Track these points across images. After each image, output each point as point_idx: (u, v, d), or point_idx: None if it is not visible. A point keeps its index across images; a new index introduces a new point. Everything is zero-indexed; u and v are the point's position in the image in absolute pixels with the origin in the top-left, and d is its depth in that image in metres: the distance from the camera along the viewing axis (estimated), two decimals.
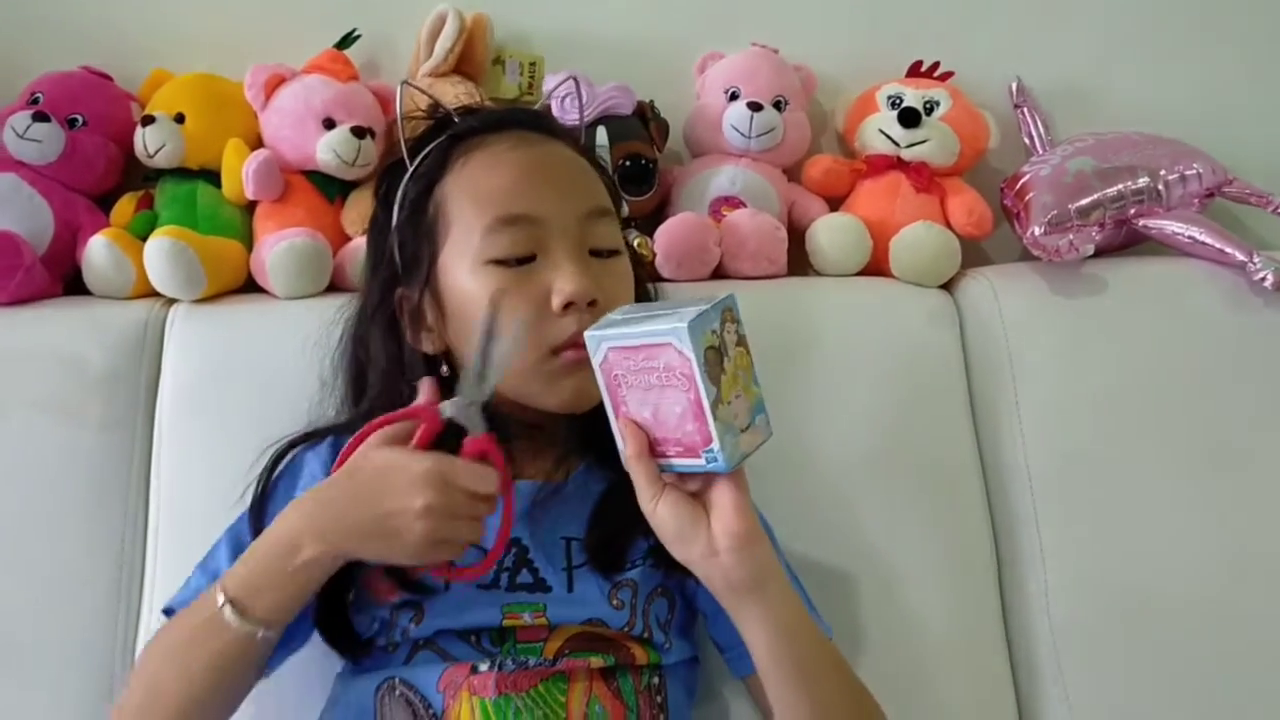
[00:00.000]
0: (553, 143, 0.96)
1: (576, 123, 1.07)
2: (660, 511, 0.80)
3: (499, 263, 0.89)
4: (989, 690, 1.13)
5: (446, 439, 0.80)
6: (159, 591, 1.06)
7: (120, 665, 1.06)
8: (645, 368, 0.77)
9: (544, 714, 0.85)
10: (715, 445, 0.77)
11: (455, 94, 1.25)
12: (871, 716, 0.90)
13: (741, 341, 0.79)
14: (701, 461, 0.78)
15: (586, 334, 0.80)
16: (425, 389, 0.84)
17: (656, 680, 0.91)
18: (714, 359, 0.76)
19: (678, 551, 0.81)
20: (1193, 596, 1.14)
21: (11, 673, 1.04)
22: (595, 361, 0.80)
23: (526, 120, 0.98)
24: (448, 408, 0.81)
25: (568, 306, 0.87)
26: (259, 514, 0.92)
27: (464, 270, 0.90)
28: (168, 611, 0.91)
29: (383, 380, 0.95)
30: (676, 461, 0.79)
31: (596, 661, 0.87)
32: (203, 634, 0.82)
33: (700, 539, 0.79)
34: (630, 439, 0.79)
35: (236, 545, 0.91)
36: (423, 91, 1.03)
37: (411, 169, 0.95)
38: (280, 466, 0.95)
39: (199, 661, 0.82)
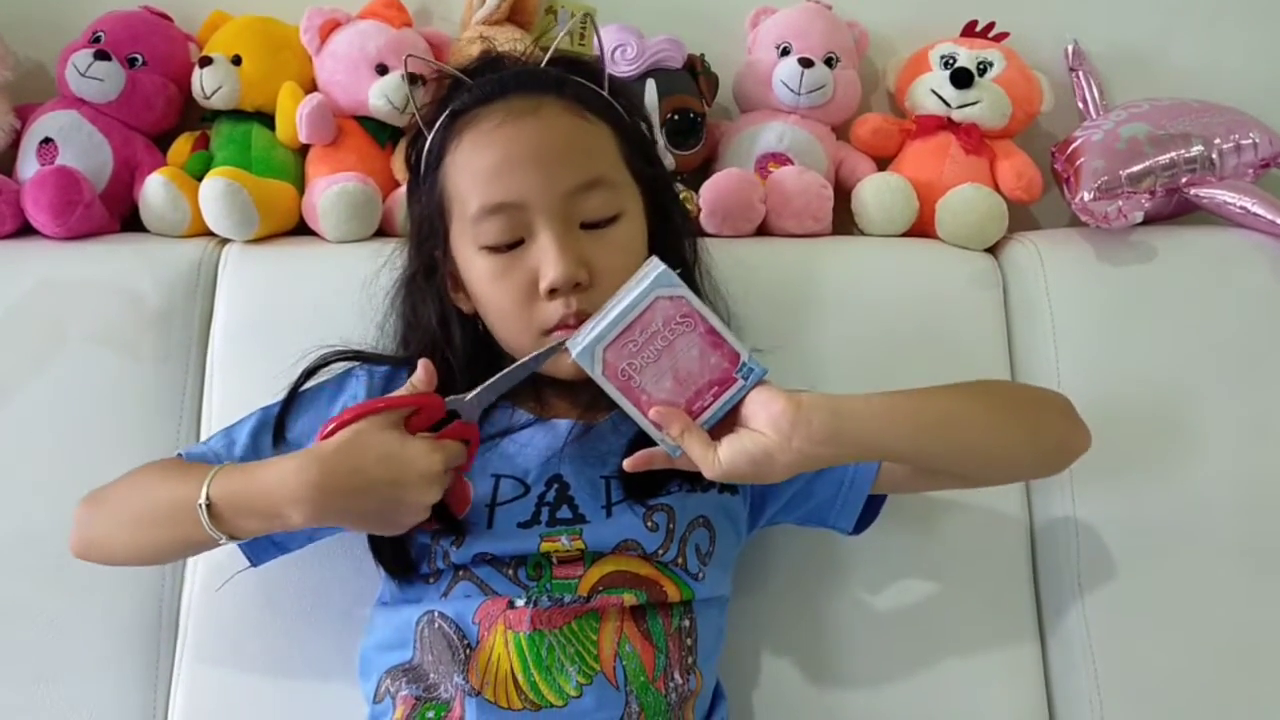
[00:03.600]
0: (543, 110, 0.91)
1: (627, 75, 1.06)
2: (724, 459, 0.81)
3: (491, 249, 0.90)
4: (1015, 648, 1.13)
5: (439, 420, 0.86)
6: None
7: (169, 585, 1.10)
8: (645, 338, 0.80)
9: (576, 651, 0.87)
10: (744, 356, 0.81)
11: (505, 43, 1.24)
12: (1035, 402, 0.97)
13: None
14: (739, 383, 0.82)
15: (575, 356, 0.81)
16: (423, 370, 0.87)
17: (687, 623, 0.93)
18: (693, 292, 0.81)
19: (766, 477, 0.82)
20: (1223, 566, 1.14)
21: (65, 590, 1.07)
22: (595, 372, 0.81)
23: (519, 85, 0.93)
24: (452, 402, 0.86)
25: (553, 291, 0.88)
26: (289, 407, 0.97)
27: (467, 252, 0.92)
28: (180, 455, 0.97)
29: (422, 334, 0.98)
30: (714, 407, 0.82)
31: (629, 599, 0.89)
32: (176, 514, 0.87)
33: (771, 450, 0.80)
34: (672, 420, 0.81)
35: (260, 428, 0.97)
36: (427, 62, 1.02)
37: (428, 141, 0.96)
38: (325, 372, 0.99)
39: (161, 534, 0.90)
